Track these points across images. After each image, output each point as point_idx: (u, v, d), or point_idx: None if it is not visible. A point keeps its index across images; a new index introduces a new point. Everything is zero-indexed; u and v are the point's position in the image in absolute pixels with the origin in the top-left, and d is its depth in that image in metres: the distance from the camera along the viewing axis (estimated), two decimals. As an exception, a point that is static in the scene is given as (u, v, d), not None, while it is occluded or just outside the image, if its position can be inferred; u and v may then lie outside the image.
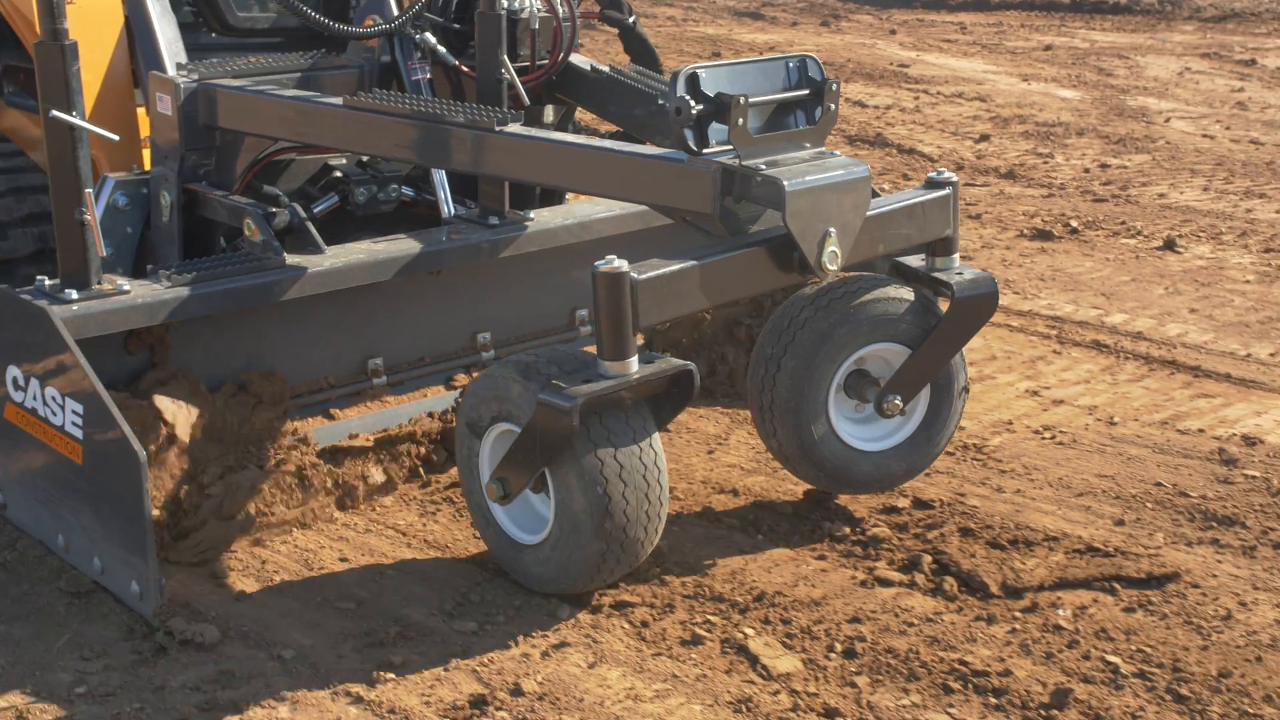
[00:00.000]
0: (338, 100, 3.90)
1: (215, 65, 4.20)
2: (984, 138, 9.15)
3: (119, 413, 3.20)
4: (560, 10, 4.55)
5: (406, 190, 4.54)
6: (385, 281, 3.97)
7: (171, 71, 4.17)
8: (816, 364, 3.68)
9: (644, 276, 3.19)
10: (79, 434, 3.31)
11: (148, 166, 4.31)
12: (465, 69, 4.49)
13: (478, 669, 3.18)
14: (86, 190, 3.47)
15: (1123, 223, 7.07)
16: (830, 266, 3.37)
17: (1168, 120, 9.64)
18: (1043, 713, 3.04)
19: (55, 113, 3.40)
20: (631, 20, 5.00)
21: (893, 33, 13.89)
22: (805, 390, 3.69)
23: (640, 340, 4.38)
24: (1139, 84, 11.06)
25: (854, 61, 12.08)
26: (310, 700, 3.05)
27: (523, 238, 4.21)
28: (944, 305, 3.79)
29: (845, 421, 3.81)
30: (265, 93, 4.03)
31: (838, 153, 3.47)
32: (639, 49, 5.05)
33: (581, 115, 5.19)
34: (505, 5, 4.36)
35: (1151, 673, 3.18)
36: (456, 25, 4.55)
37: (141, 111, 4.37)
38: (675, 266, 3.27)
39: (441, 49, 4.49)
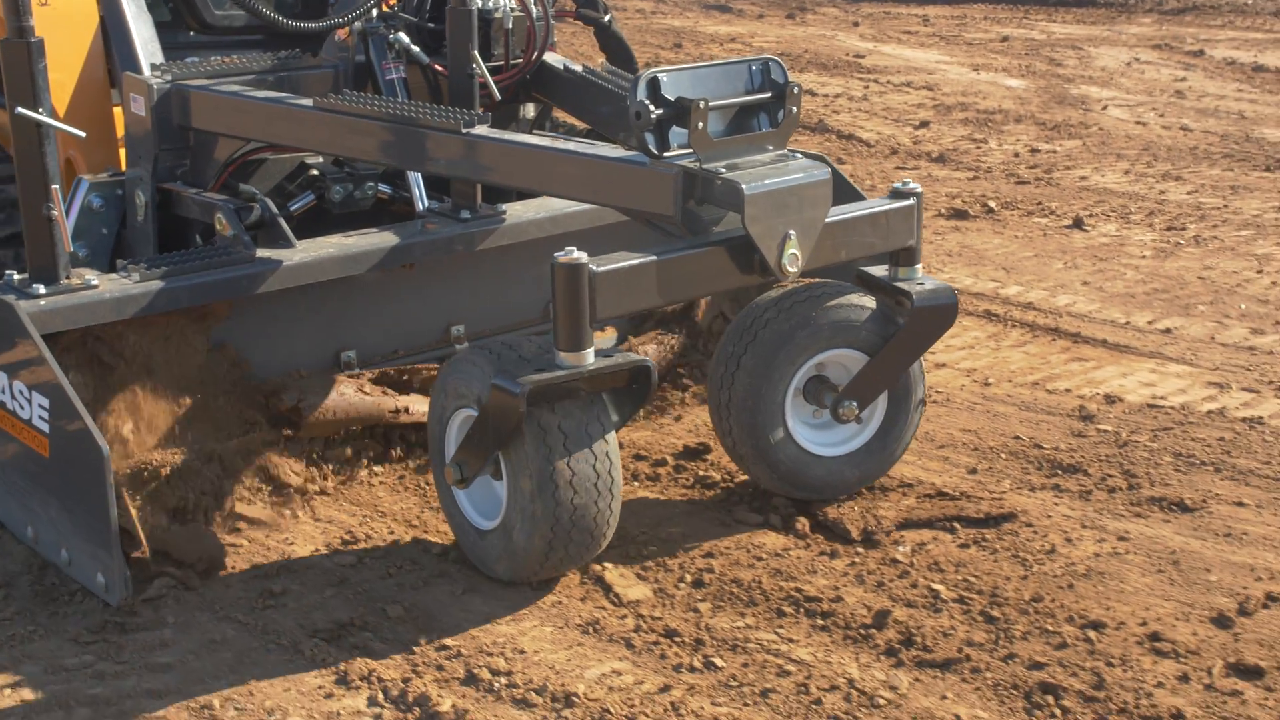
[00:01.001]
0: (308, 101, 3.95)
1: (189, 66, 4.24)
2: (923, 124, 9.40)
3: (83, 407, 3.25)
4: (534, 10, 4.56)
5: (384, 187, 4.56)
6: (358, 275, 4.01)
7: (146, 72, 4.21)
8: (775, 365, 3.74)
9: (603, 269, 3.24)
10: (45, 428, 3.36)
11: (125, 167, 4.34)
12: (439, 68, 4.50)
13: (351, 597, 3.47)
14: (53, 186, 3.51)
15: (1039, 203, 7.33)
16: (790, 269, 3.41)
17: (1105, 108, 9.89)
18: (862, 631, 3.33)
19: (21, 110, 3.45)
20: (607, 19, 5.04)
21: (855, 25, 14.14)
22: (763, 391, 3.75)
23: (612, 334, 4.55)
24: (1085, 74, 11.30)
25: (811, 52, 12.33)
26: (195, 622, 3.34)
27: (495, 231, 4.24)
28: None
29: (802, 425, 3.86)
30: (237, 94, 4.08)
31: (799, 155, 3.51)
32: (615, 48, 5.09)
33: (564, 115, 5.17)
34: (479, 3, 4.38)
35: (970, 598, 3.47)
36: (431, 24, 4.58)
37: (118, 111, 4.42)
38: (634, 261, 3.31)
39: (415, 48, 4.51)
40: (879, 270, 3.86)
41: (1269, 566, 3.62)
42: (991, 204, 7.25)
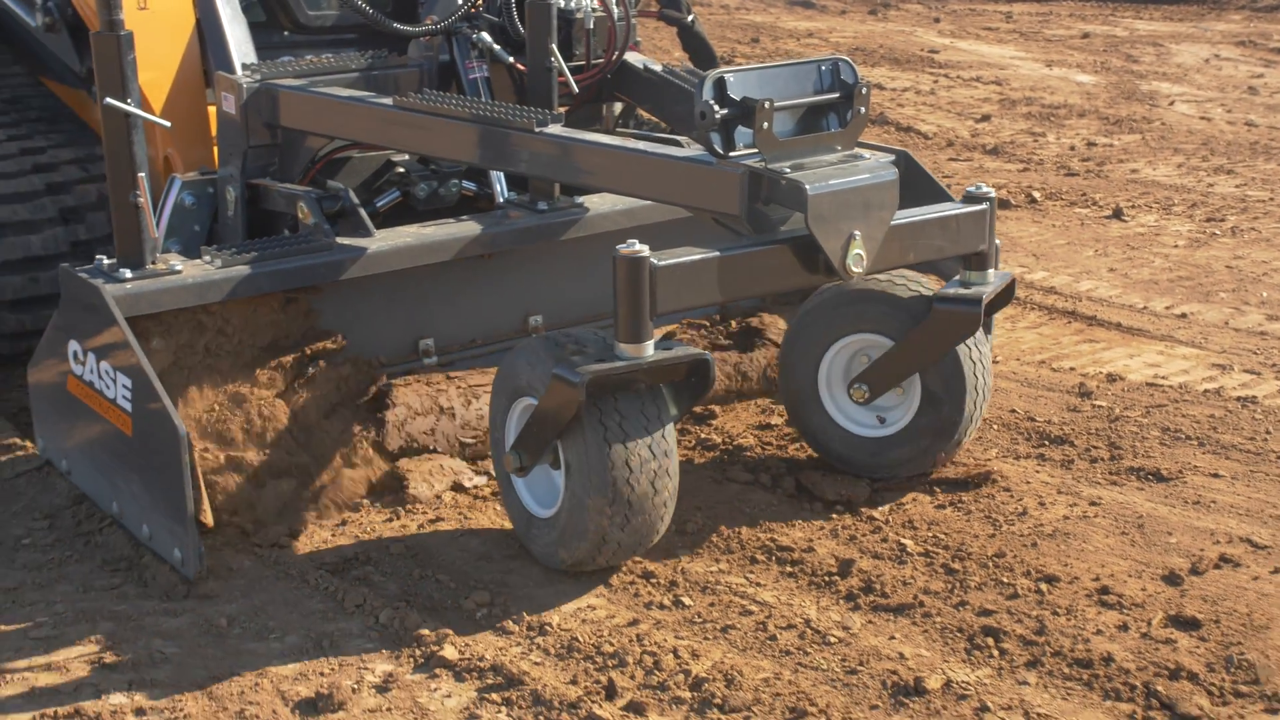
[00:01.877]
0: (388, 101, 4.05)
1: (278, 65, 4.36)
2: (985, 118, 9.45)
3: (163, 389, 3.39)
4: (615, 10, 4.60)
5: (468, 184, 4.65)
6: (437, 264, 4.09)
7: (238, 72, 4.35)
8: (813, 343, 3.99)
9: (664, 263, 3.28)
10: (129, 407, 3.50)
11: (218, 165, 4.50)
12: (522, 67, 4.54)
13: (359, 535, 3.77)
14: (140, 174, 3.64)
15: (1083, 194, 7.35)
16: (855, 269, 3.42)
17: (1172, 103, 9.85)
18: (827, 579, 3.55)
19: (110, 100, 3.58)
20: (690, 19, 5.05)
21: (936, 21, 14.19)
22: (801, 367, 4.04)
23: (676, 330, 4.53)
24: (1160, 70, 11.21)
25: (885, 48, 12.40)
26: (211, 554, 3.65)
27: (573, 223, 4.32)
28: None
29: (839, 403, 4.03)
30: (320, 93, 4.19)
31: (868, 155, 3.51)
32: (697, 48, 5.12)
33: (648, 114, 5.20)
34: (560, 3, 4.45)
35: (935, 553, 3.68)
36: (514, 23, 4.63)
37: (213, 110, 4.54)
38: (696, 256, 3.35)
39: (497, 47, 4.56)
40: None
41: (1229, 531, 3.79)
42: (1036, 194, 7.34)
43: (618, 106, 5.04)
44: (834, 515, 3.89)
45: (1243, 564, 3.61)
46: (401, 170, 4.61)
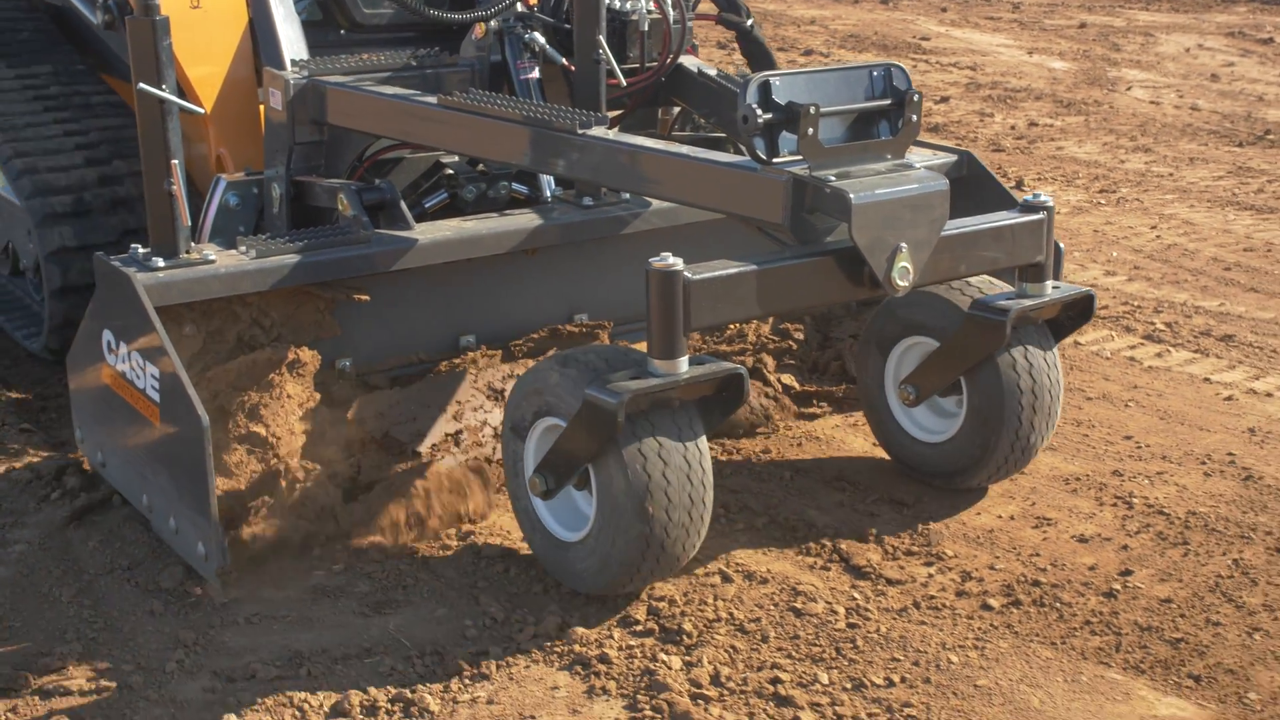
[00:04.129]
0: (432, 99, 3.98)
1: (327, 62, 4.31)
2: (944, 99, 9.49)
3: (188, 378, 3.34)
4: (671, 12, 4.52)
5: (517, 186, 4.59)
6: (479, 259, 4.01)
7: (286, 68, 4.32)
8: (878, 343, 4.02)
9: (698, 277, 3.17)
10: (156, 397, 3.46)
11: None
12: (574, 68, 4.45)
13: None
14: (174, 161, 3.58)
15: (999, 167, 7.50)
16: (901, 282, 3.28)
17: (1129, 89, 10.01)
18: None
19: (144, 86, 3.52)
20: (749, 23, 4.94)
21: (944, 10, 14.32)
22: (871, 366, 4.05)
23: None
24: (1137, 58, 11.39)
25: (880, 35, 12.60)
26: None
27: (618, 219, 4.23)
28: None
29: (901, 406, 4.03)
30: (366, 89, 4.13)
31: (919, 164, 3.40)
32: (756, 52, 5.00)
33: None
34: (615, 4, 4.38)
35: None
36: (567, 25, 4.53)
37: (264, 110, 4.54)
38: (732, 269, 3.23)
39: (550, 48, 4.51)
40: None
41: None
42: (954, 166, 7.50)
43: (675, 110, 4.97)
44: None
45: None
46: (450, 172, 4.56)
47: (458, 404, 4.00)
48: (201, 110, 3.85)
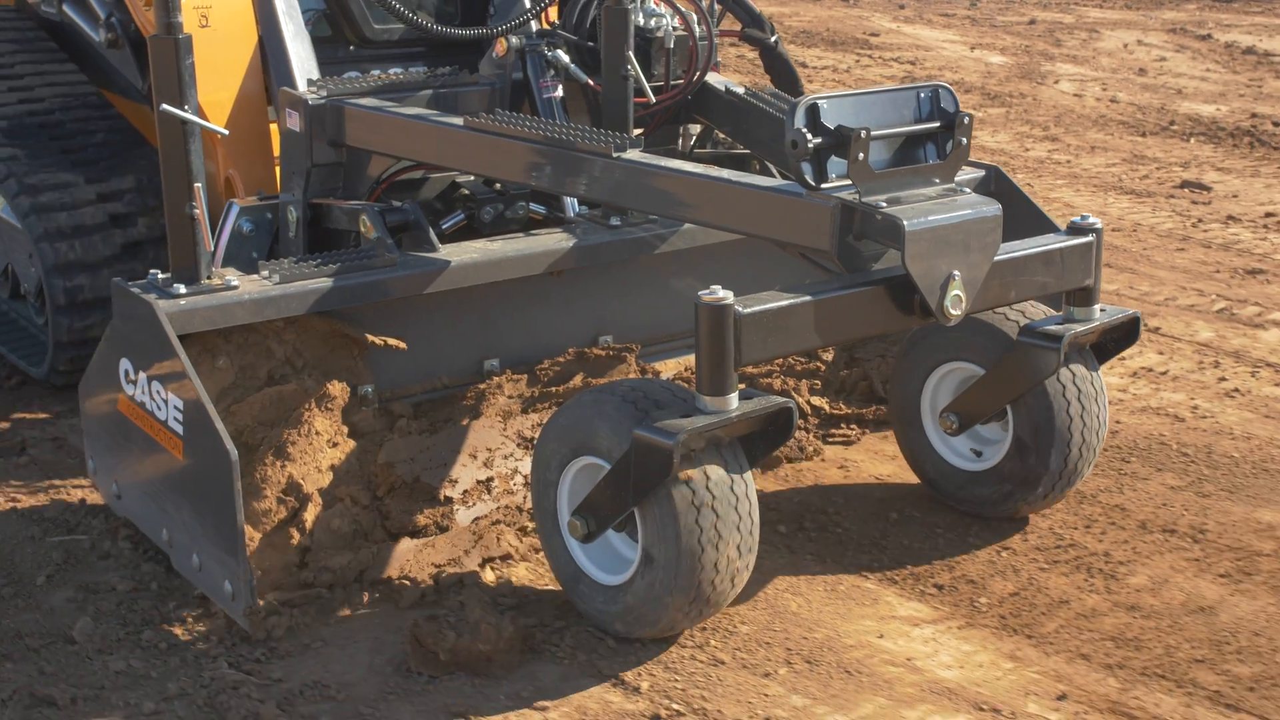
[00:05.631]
0: (458, 120, 3.86)
1: (345, 82, 4.20)
2: None
3: (214, 410, 3.21)
4: (697, 29, 4.43)
5: (536, 207, 4.48)
6: (503, 281, 3.89)
7: (302, 87, 4.20)
8: (914, 371, 3.93)
9: (749, 310, 3.04)
10: (180, 429, 3.32)
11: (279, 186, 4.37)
12: (598, 87, 4.38)
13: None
14: (196, 184, 3.45)
15: None
16: (954, 311, 3.19)
17: (1057, 82, 10.30)
18: None
19: (166, 106, 3.39)
20: (774, 40, 4.85)
21: (901, 7, 14.60)
22: (906, 393, 3.96)
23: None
24: (1075, 53, 11.74)
25: (831, 31, 12.91)
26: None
27: (645, 240, 4.11)
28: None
29: (940, 434, 3.93)
30: (388, 110, 4.01)
31: (968, 190, 3.31)
32: (781, 70, 4.90)
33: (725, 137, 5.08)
34: (639, 22, 4.28)
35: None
36: (591, 43, 4.48)
37: (275, 129, 4.41)
38: (784, 302, 3.11)
39: (574, 66, 4.41)
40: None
41: None
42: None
43: (694, 129, 4.86)
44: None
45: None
46: (466, 192, 4.44)
47: (488, 450, 3.86)
48: (224, 132, 3.75)
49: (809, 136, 3.10)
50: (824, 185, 3.17)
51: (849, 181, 3.15)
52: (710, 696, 3.11)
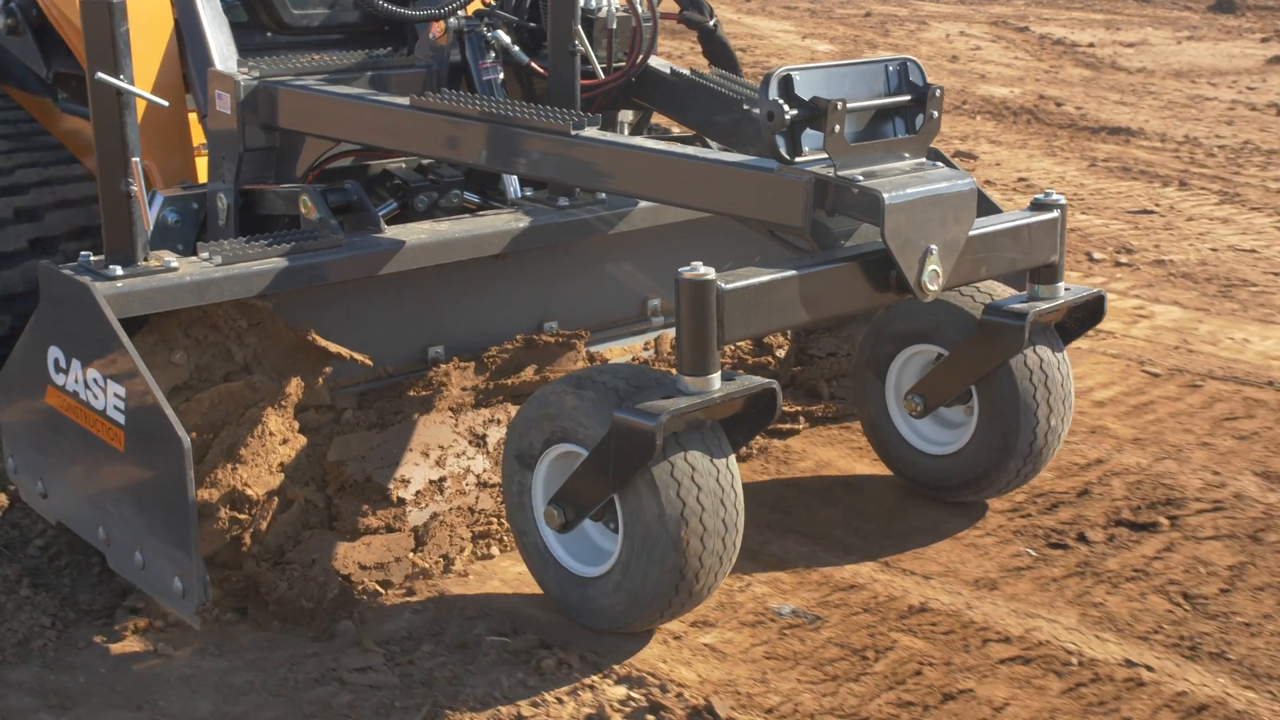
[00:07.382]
0: (404, 101, 3.70)
1: (278, 62, 4.03)
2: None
3: (163, 396, 3.01)
4: (640, 10, 4.34)
5: (470, 195, 4.35)
6: (446, 266, 3.74)
7: (232, 68, 4.02)
8: (877, 354, 3.88)
9: (732, 286, 2.94)
10: (121, 419, 3.11)
11: (202, 178, 4.17)
12: (539, 69, 4.29)
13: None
14: (134, 159, 3.24)
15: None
16: (931, 287, 3.13)
17: None
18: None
19: (101, 75, 3.18)
20: (712, 23, 4.78)
21: (747, 0, 15.14)
22: (870, 377, 3.90)
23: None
24: (898, 43, 12.46)
25: (670, 22, 13.08)
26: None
27: (594, 220, 3.98)
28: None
29: (903, 417, 3.89)
30: (329, 92, 3.85)
31: (939, 164, 3.27)
32: (719, 53, 4.82)
33: (663, 120, 5.01)
34: (583, 2, 4.18)
35: None
36: (531, 24, 4.37)
37: (193, 118, 4.26)
38: (766, 277, 3.01)
39: (515, 48, 4.30)
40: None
41: None
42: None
43: (628, 117, 4.72)
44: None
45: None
46: (399, 180, 4.28)
47: (440, 449, 3.69)
48: (165, 104, 3.50)
49: (786, 108, 3.02)
50: (799, 160, 3.08)
51: (820, 155, 3.08)
52: (689, 685, 3.01)
